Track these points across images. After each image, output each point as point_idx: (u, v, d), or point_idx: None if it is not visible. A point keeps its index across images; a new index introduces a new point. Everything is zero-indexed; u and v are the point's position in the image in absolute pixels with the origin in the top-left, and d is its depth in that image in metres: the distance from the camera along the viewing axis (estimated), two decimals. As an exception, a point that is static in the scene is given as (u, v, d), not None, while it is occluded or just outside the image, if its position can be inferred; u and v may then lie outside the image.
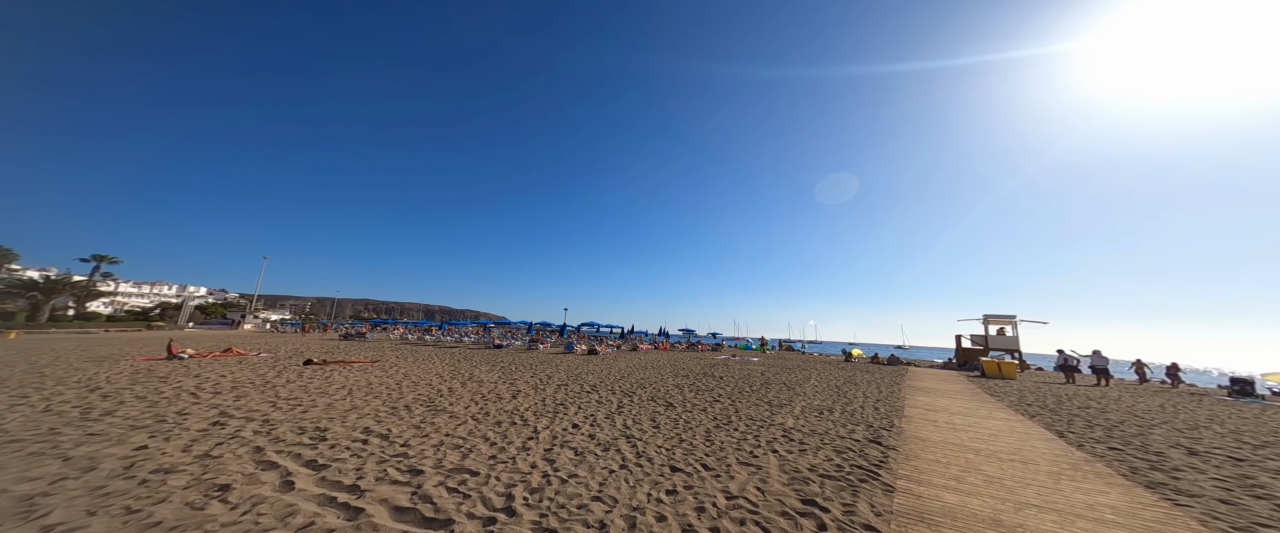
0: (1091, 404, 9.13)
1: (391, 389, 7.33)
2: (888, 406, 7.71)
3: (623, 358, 17.17)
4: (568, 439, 4.67)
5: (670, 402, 7.43)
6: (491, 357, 15.14)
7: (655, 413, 6.37)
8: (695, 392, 8.77)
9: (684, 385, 9.58)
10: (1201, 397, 12.66)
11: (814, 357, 27.39)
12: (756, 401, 7.88)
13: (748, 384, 10.32)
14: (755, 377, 12.15)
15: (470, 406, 6.26)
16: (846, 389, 10.01)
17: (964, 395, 9.61)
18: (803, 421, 6.21)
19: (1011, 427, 6.15)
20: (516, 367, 12.11)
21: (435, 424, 5.08)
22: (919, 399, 8.65)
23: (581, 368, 12.50)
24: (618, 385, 9.16)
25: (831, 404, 7.74)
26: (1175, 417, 7.95)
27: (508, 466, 3.79)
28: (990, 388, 11.76)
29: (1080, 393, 11.48)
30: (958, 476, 3.88)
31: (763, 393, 8.92)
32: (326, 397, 6.44)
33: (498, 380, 9.06)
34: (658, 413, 6.38)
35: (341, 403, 6.03)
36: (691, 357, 20.05)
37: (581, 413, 6.13)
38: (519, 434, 4.80)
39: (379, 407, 5.88)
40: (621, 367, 13.50)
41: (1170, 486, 3.77)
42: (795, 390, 9.48)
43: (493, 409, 6.08)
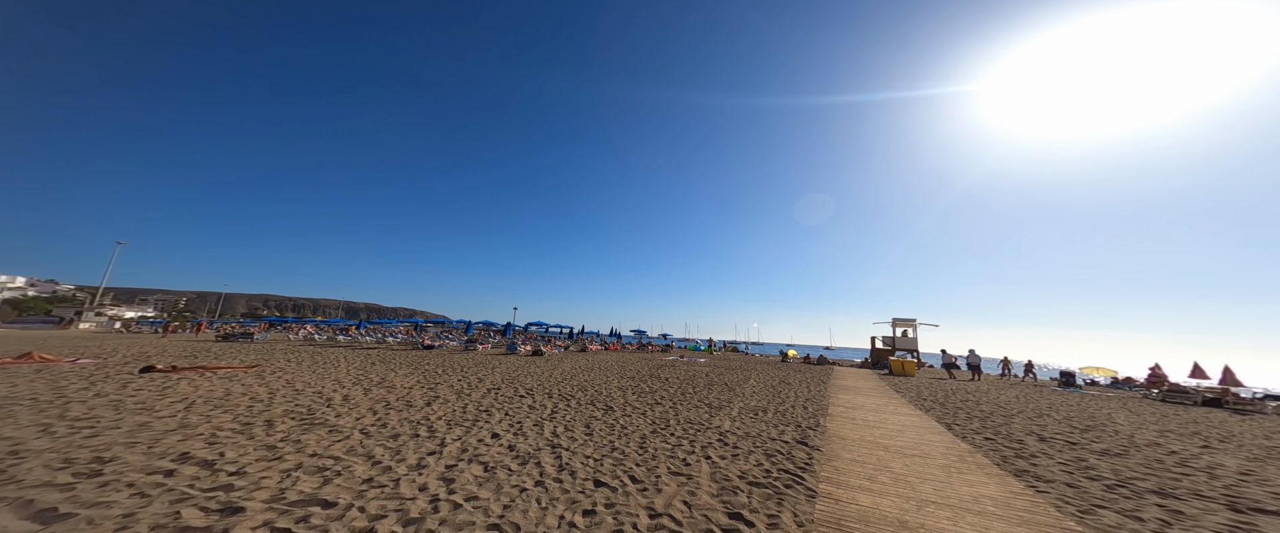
0: (969, 398, 10.67)
1: (257, 401, 5.99)
2: (815, 405, 8.19)
3: (569, 359, 16.48)
4: (480, 453, 4.10)
5: (610, 405, 7.11)
6: (417, 359, 13.50)
7: (592, 418, 6.00)
8: (638, 394, 8.56)
9: (628, 388, 9.33)
10: (1042, 388, 15.68)
11: (755, 357, 29.12)
12: (697, 403, 7.88)
13: (692, 385, 10.40)
14: (700, 378, 12.34)
15: (364, 417, 5.32)
16: (781, 390, 10.54)
17: (876, 393, 10.65)
18: (739, 423, 6.27)
19: (912, 422, 6.83)
20: (445, 369, 10.90)
21: (301, 443, 4.16)
22: (841, 398, 9.37)
23: (521, 370, 11.65)
24: (557, 388, 8.61)
25: (766, 405, 8.01)
26: (1027, 406, 9.57)
27: (385, 491, 3.14)
28: (896, 385, 13.28)
29: (961, 388, 13.44)
30: (871, 475, 4.09)
31: (704, 394, 9.00)
32: (147, 414, 4.99)
33: (414, 386, 7.98)
34: (594, 418, 6.02)
35: (165, 422, 4.68)
36: (641, 358, 19.96)
37: (506, 420, 5.54)
38: (418, 449, 4.11)
39: (224, 424, 4.70)
40: (566, 368, 12.88)
41: (1031, 472, 4.34)
42: (735, 392, 9.73)
43: (394, 420, 5.22)
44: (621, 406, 7.14)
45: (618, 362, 16.62)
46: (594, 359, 17.33)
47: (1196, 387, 15.04)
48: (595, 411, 6.58)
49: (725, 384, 10.98)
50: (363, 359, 12.57)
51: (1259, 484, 4.35)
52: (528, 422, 5.53)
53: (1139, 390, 17.16)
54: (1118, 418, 8.73)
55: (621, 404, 7.26)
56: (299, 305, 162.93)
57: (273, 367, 9.83)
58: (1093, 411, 9.62)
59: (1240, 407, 12.52)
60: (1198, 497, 3.81)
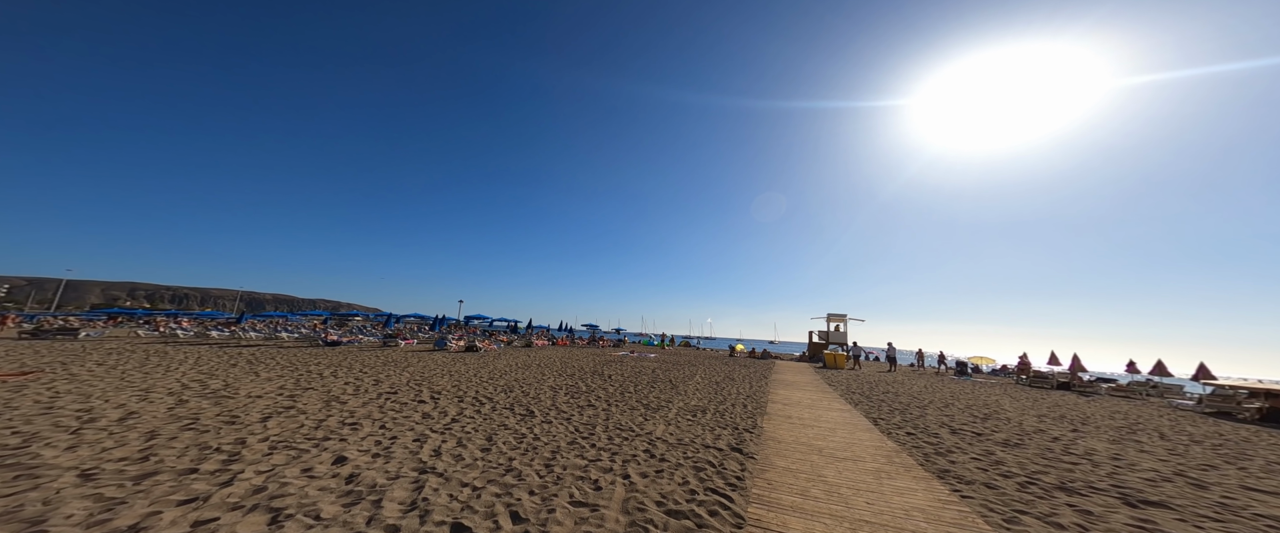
0: (889, 390, 11.34)
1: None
2: (754, 403, 7.93)
3: (508, 356, 15.00)
4: (286, 491, 2.95)
5: (532, 410, 6.13)
6: (308, 358, 11.21)
7: (500, 427, 5.02)
8: (572, 395, 7.67)
9: (562, 388, 8.38)
10: (943, 377, 17.61)
11: (707, 352, 29.58)
12: (635, 403, 7.20)
13: (634, 383, 9.75)
14: (645, 374, 11.76)
15: (126, 445, 3.80)
16: (724, 386, 10.30)
17: (811, 388, 10.87)
18: (674, 427, 5.67)
19: (844, 419, 6.79)
20: (337, 370, 9.06)
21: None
22: (780, 394, 9.32)
23: (441, 369, 10.10)
24: (476, 391, 7.41)
25: (707, 404, 7.58)
26: (935, 397, 10.33)
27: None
28: (828, 378, 13.90)
29: (882, 380, 14.42)
30: (804, 488, 3.66)
31: (645, 393, 8.38)
32: None
33: (272, 392, 6.30)
34: (504, 427, 5.04)
35: None
36: (589, 353, 19.00)
37: (375, 437, 4.36)
38: (170, 492, 2.84)
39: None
40: (500, 366, 11.53)
41: (952, 472, 4.23)
42: (677, 389, 9.26)
43: (178, 446, 3.79)
44: (547, 410, 6.20)
45: (563, 358, 15.51)
46: (537, 356, 16.01)
47: (1052, 373, 18.01)
48: (511, 417, 5.57)
49: (669, 381, 10.49)
50: (223, 360, 10.04)
51: (1130, 469, 4.70)
52: (407, 437, 4.38)
53: (1011, 377, 20.16)
54: (1004, 404, 9.71)
55: (547, 408, 6.32)
56: (181, 296, 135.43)
57: (68, 373, 7.26)
58: (984, 398, 10.68)
59: (1084, 389, 15.08)
60: (1094, 491, 3.91)
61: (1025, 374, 18.50)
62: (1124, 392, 14.57)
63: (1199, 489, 4.09)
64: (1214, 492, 4.04)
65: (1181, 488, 4.07)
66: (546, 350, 19.53)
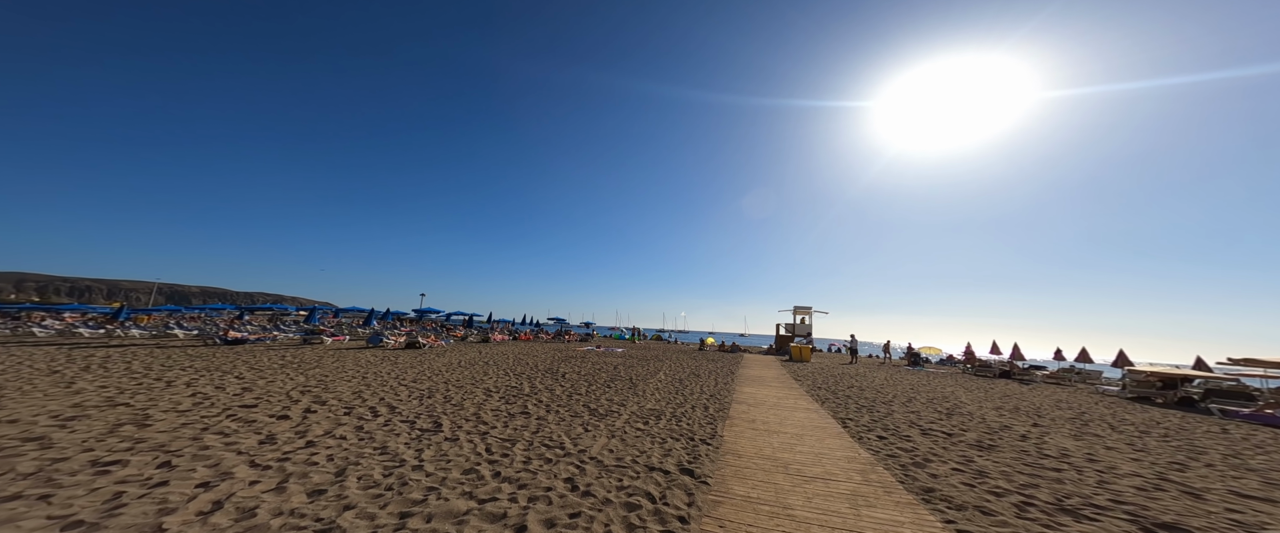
0: (853, 383, 11.01)
1: None
2: (717, 403, 7.10)
3: (456, 353, 13.35)
4: None
5: (439, 423, 4.90)
6: (179, 359, 9.10)
7: (375, 452, 3.81)
8: (506, 399, 6.45)
9: (501, 390, 7.13)
10: (899, 368, 18.01)
11: (677, 345, 29.04)
12: (581, 408, 6.12)
13: (590, 382, 8.66)
14: (605, 372, 10.70)
15: None
16: (688, 384, 9.45)
17: (777, 383, 10.28)
18: (617, 440, 4.64)
19: (811, 421, 6.08)
20: (210, 372, 7.23)
21: None
22: (745, 391, 8.58)
23: (357, 370, 8.46)
24: (381, 398, 6.01)
25: (665, 406, 6.63)
26: (898, 390, 10.06)
27: None
28: (794, 371, 13.53)
29: (846, 372, 14.29)
30: (766, 527, 2.73)
31: (599, 395, 7.32)
32: None
33: (66, 409, 4.57)
34: (382, 451, 3.85)
35: None
36: (552, 349, 17.64)
37: (144, 474, 2.94)
38: None
39: None
40: (436, 365, 9.99)
41: (938, 493, 3.52)
42: (637, 388, 8.27)
43: None
44: (462, 421, 4.98)
45: (519, 354, 14.08)
46: (491, 352, 14.45)
47: (994, 362, 19.00)
48: (403, 435, 4.32)
49: (630, 379, 9.49)
50: (59, 361, 7.78)
51: (1113, 475, 4.24)
52: (197, 476, 3.00)
53: (959, 366, 21.17)
54: (961, 396, 9.58)
55: (464, 418, 5.09)
56: (83, 288, 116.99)
57: None
58: (941, 390, 10.60)
59: (1022, 378, 15.88)
60: (1098, 511, 3.31)
61: (971, 364, 19.39)
62: (1055, 379, 15.42)
63: (1195, 500, 3.63)
64: (1213, 501, 3.60)
65: (1180, 501, 3.59)
66: (504, 346, 17.93)
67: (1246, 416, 8.27)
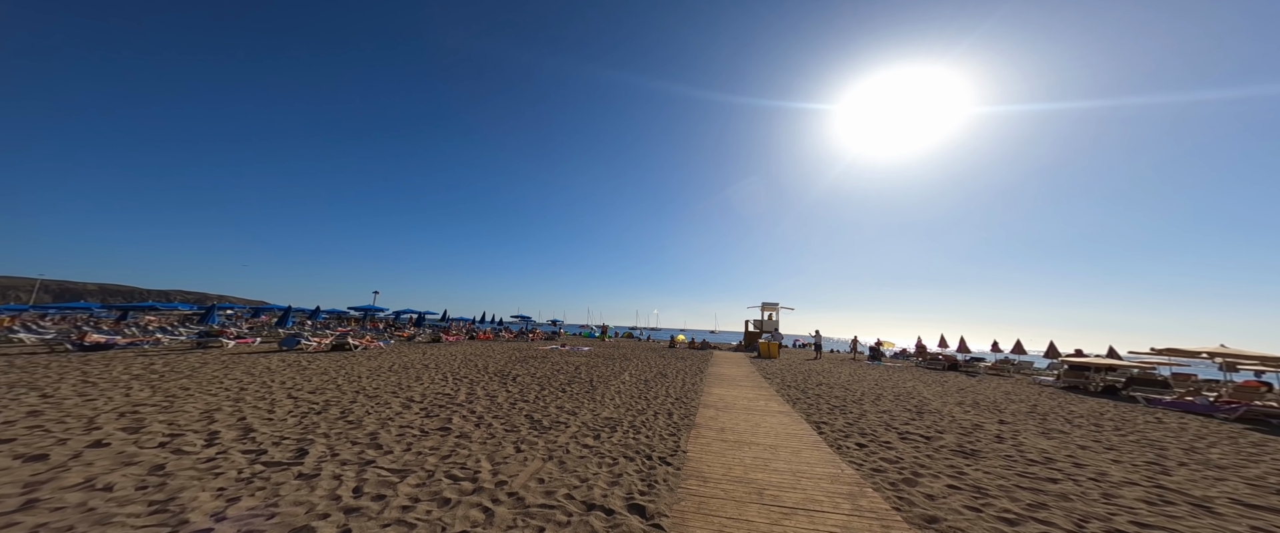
0: (822, 381, 10.71)
1: None
2: (683, 408, 6.27)
3: (392, 355, 11.57)
4: None
5: (305, 450, 3.63)
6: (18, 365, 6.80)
7: (150, 508, 2.44)
8: (429, 413, 5.21)
9: (424, 401, 5.83)
10: (859, 362, 18.41)
11: (648, 343, 28.26)
12: (522, 420, 5.04)
13: (544, 387, 7.52)
14: (564, 373, 9.58)
15: None
16: (654, 384, 8.58)
17: (747, 382, 9.70)
18: (555, 463, 3.63)
19: (785, 427, 5.39)
20: (16, 387, 5.25)
21: None
22: (714, 392, 7.85)
23: (239, 380, 6.68)
24: (241, 417, 4.52)
25: (623, 414, 5.68)
26: (867, 387, 9.79)
27: None
28: (764, 369, 13.14)
29: (814, 370, 14.15)
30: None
31: (551, 401, 6.24)
32: None
33: None
34: (175, 496, 2.52)
35: None
36: (511, 349, 16.12)
37: None
38: None
39: None
40: (356, 371, 8.36)
41: (943, 523, 2.83)
42: (596, 392, 7.26)
43: None
44: (346, 446, 3.74)
45: (469, 356, 12.53)
46: (437, 354, 12.76)
47: (940, 355, 20.07)
48: (229, 475, 3.02)
49: (590, 382, 8.45)
50: None
51: (1107, 484, 3.86)
52: None
53: (912, 359, 22.22)
54: (923, 392, 9.50)
55: (352, 443, 3.84)
56: None
57: None
58: (904, 385, 10.56)
59: (968, 370, 16.73)
60: None
61: (922, 357, 20.32)
62: (996, 370, 16.36)
63: (1208, 513, 3.26)
64: (1228, 515, 3.23)
65: (1201, 520, 3.17)
66: (457, 347, 16.15)
67: (1168, 403, 8.80)
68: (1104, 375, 11.41)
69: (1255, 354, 8.53)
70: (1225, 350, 8.79)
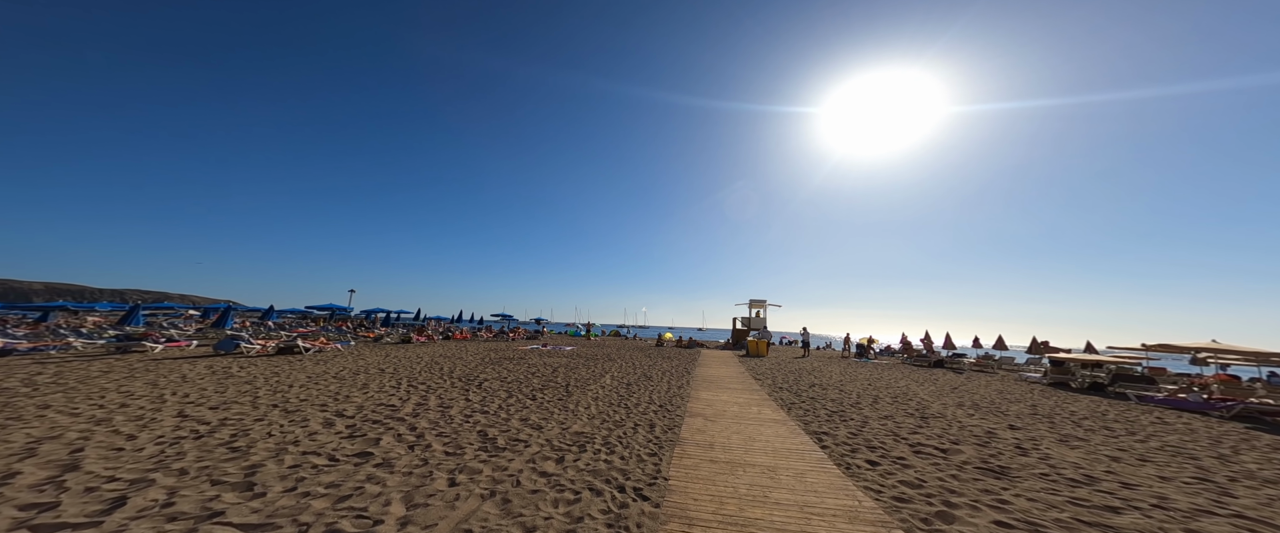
0: (815, 382, 10.12)
1: None
2: (668, 418, 5.47)
3: (349, 359, 10.33)
4: None
5: (126, 497, 2.58)
6: None
7: None
8: (355, 432, 4.23)
9: (359, 414, 4.80)
10: (848, 360, 18.13)
11: (634, 341, 27.53)
12: (473, 438, 4.15)
13: (513, 393, 6.59)
14: (539, 377, 8.66)
15: None
16: (637, 389, 7.77)
17: (737, 384, 9.00)
18: (496, 503, 2.79)
19: (783, 439, 4.66)
20: None
21: None
22: (702, 397, 7.09)
23: (128, 394, 5.43)
24: (95, 443, 3.41)
25: (597, 427, 4.84)
26: (862, 388, 9.22)
27: None
28: (753, 369, 12.53)
29: (804, 369, 13.63)
30: None
31: (514, 412, 5.34)
32: None
33: None
34: None
35: None
36: (486, 350, 14.99)
37: None
38: None
39: None
40: (292, 378, 7.19)
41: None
42: (571, 398, 6.40)
43: None
44: (189, 494, 2.71)
45: (439, 358, 11.39)
46: (402, 357, 11.56)
47: (929, 352, 20.07)
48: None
49: (567, 387, 7.57)
50: None
51: (1170, 512, 3.25)
52: None
53: (898, 356, 22.20)
54: (918, 392, 9.03)
55: (197, 488, 2.81)
56: None
57: None
58: (897, 385, 10.11)
59: (954, 367, 16.66)
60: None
61: (908, 354, 20.28)
62: (980, 366, 16.33)
63: None
64: None
65: None
66: (427, 348, 14.91)
67: (1160, 400, 8.59)
68: (1090, 372, 11.32)
69: (1247, 350, 8.38)
70: (1216, 346, 8.65)
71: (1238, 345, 8.59)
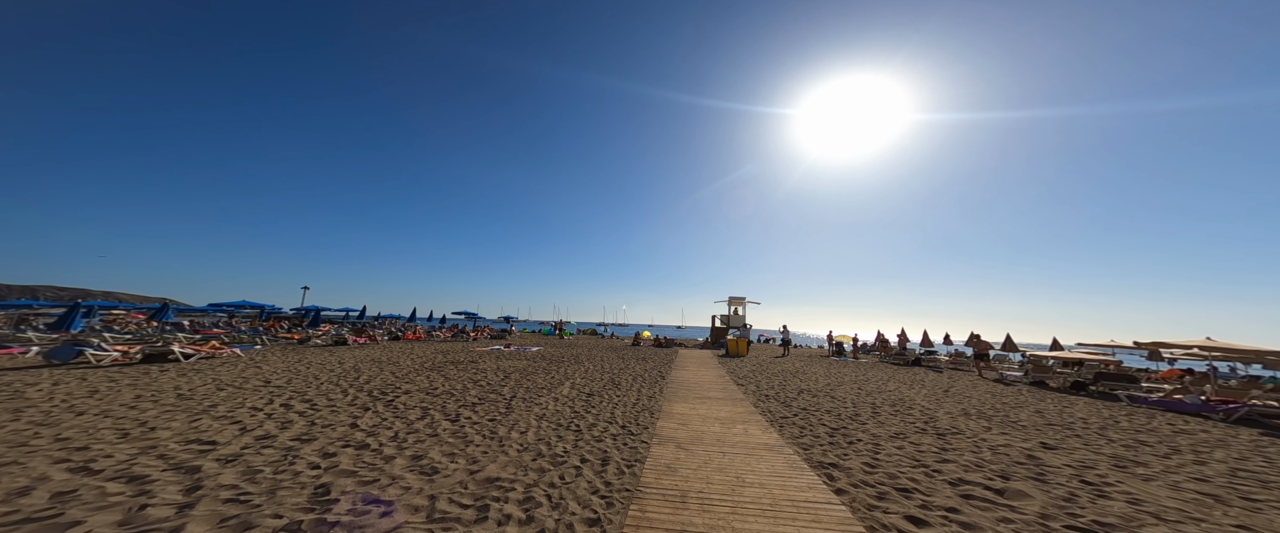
0: (802, 388, 9.10)
1: None
2: (629, 447, 4.05)
3: (227, 368, 8.08)
4: None
5: None
6: None
7: None
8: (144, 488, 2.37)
9: (100, 468, 2.93)
10: (827, 358, 17.57)
11: (609, 340, 26.22)
12: (384, 463, 2.43)
13: (431, 412, 4.88)
14: (485, 384, 7.09)
15: None
16: (600, 399, 6.32)
17: (718, 391, 7.74)
18: None
19: (778, 475, 3.37)
20: None
21: None
22: (677, 410, 5.74)
23: None
24: None
25: (525, 469, 3.34)
26: (852, 393, 8.26)
27: None
28: (734, 371, 11.39)
29: (787, 370, 12.68)
30: None
31: (412, 445, 3.66)
32: None
33: None
34: None
35: None
36: (437, 351, 12.98)
37: None
38: None
39: None
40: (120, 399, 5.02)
41: None
42: (509, 416, 4.83)
43: None
44: None
45: (362, 364, 9.39)
46: (314, 361, 9.46)
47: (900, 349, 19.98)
48: None
49: (512, 399, 6.03)
50: None
51: None
52: None
53: (874, 354, 22.03)
54: (914, 397, 8.19)
55: None
56: None
57: None
58: (888, 388, 9.28)
59: (932, 365, 16.43)
60: None
61: (886, 352, 20.09)
62: (955, 364, 16.17)
63: None
64: None
65: None
66: (365, 350, 12.70)
67: (1153, 402, 8.15)
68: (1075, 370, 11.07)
69: (1246, 349, 8.05)
70: (1212, 343, 8.37)
71: (1234, 343, 8.31)
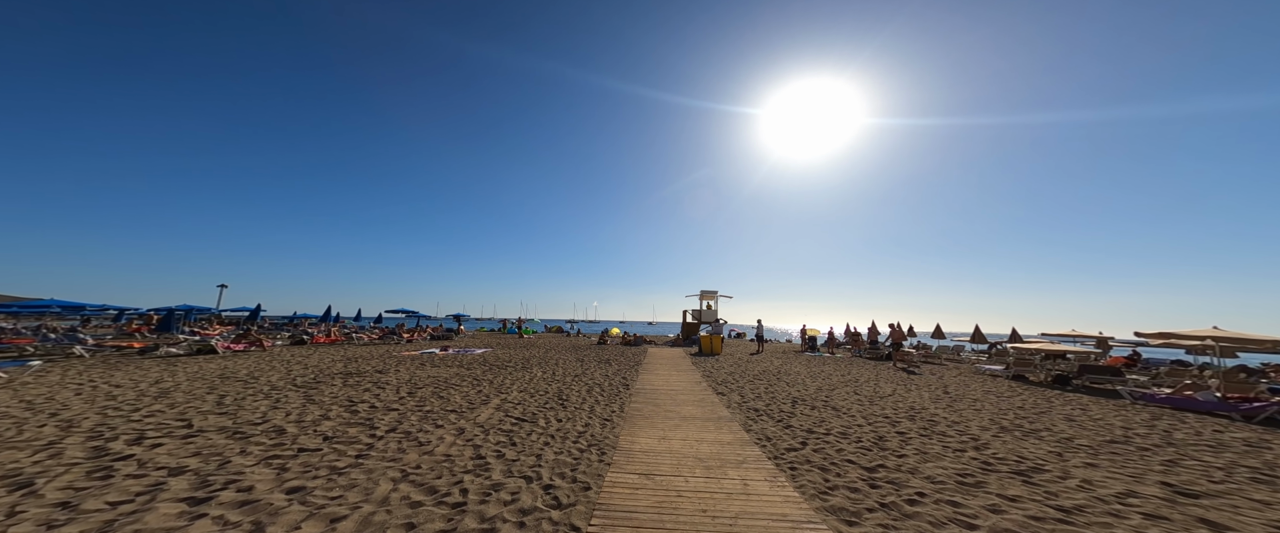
0: (787, 391, 7.86)
1: None
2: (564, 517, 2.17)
3: (30, 385, 5.09)
4: None
5: None
6: None
7: None
8: None
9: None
10: (803, 354, 16.78)
11: (572, 338, 24.28)
12: None
13: (244, 450, 2.61)
14: (363, 407, 4.76)
15: None
16: (534, 425, 4.41)
17: (693, 402, 6.14)
18: None
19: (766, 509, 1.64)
20: None
21: None
22: (641, 443, 4.01)
23: None
24: None
25: None
26: (845, 396, 7.11)
27: None
28: (709, 372, 9.92)
29: (766, 371, 11.45)
30: None
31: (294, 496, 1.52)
32: None
33: None
34: None
35: None
36: (347, 356, 10.23)
37: None
38: None
39: None
40: None
41: None
42: (372, 465, 2.75)
43: None
44: None
45: (195, 380, 6.70)
46: (123, 380, 6.65)
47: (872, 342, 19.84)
48: None
49: (449, 411, 3.94)
50: None
51: None
52: None
53: (848, 349, 21.74)
54: (928, 405, 7.16)
55: None
56: None
57: None
58: (886, 391, 8.28)
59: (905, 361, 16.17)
60: None
61: (857, 346, 19.80)
62: (927, 358, 15.97)
63: None
64: None
65: None
66: (229, 360, 9.63)
67: (1163, 400, 7.48)
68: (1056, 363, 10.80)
69: (1258, 338, 7.67)
70: (1220, 333, 7.99)
71: (1246, 333, 7.95)
